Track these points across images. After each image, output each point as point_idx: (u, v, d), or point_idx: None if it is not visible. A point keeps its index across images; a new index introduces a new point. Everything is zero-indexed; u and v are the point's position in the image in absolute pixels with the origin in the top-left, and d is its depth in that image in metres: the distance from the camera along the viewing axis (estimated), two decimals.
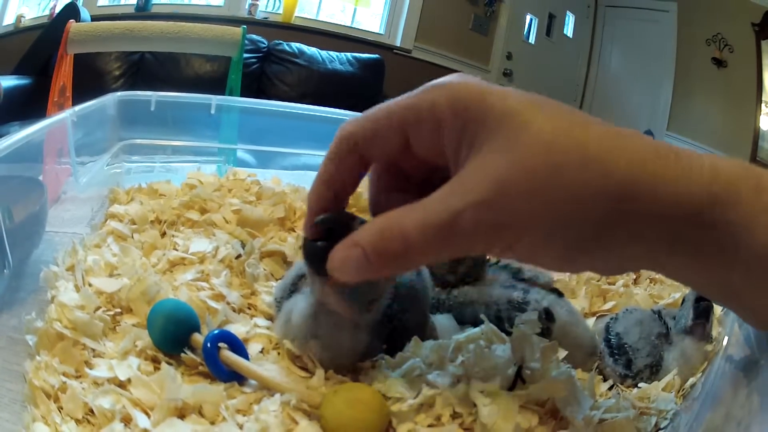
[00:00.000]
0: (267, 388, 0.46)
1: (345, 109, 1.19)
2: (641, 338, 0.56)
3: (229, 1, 4.67)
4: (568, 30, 6.00)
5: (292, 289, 0.53)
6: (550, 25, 5.85)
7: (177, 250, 0.69)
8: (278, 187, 0.90)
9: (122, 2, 5.12)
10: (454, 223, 0.35)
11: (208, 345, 0.47)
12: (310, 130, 1.08)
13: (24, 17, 4.79)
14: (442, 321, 0.54)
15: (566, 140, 0.34)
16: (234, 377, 0.47)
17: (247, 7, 4.61)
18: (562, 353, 0.47)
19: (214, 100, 0.98)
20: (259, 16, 4.59)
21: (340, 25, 4.75)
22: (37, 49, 4.17)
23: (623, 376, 0.55)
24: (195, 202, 0.80)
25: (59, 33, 3.94)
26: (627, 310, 0.60)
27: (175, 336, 0.49)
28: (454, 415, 0.42)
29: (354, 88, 3.92)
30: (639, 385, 0.53)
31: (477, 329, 0.49)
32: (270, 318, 0.58)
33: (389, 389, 0.44)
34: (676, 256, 0.35)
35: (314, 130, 1.07)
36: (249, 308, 0.61)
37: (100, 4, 4.94)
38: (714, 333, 0.55)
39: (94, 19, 4.39)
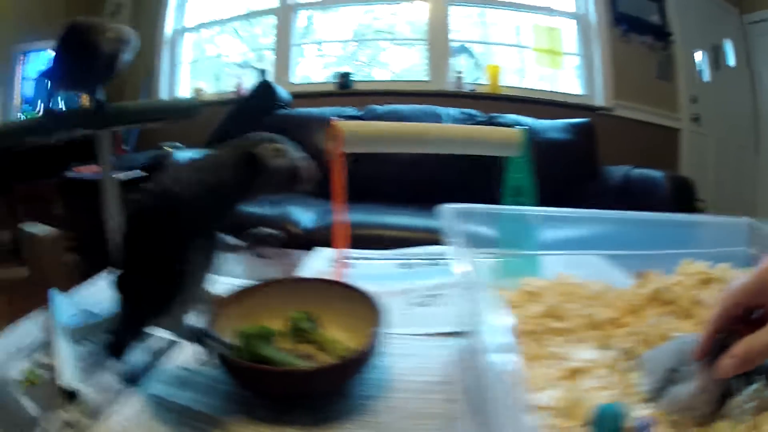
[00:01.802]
0: None
1: (563, 178, 1.31)
2: None
3: (434, 75, 4.79)
4: (731, 59, 5.66)
5: (669, 379, 0.75)
6: (716, 57, 5.51)
7: (565, 358, 0.84)
8: (595, 286, 1.02)
9: (313, 79, 5.44)
10: None
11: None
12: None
13: (203, 91, 5.14)
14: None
15: None
16: None
17: (452, 80, 4.68)
18: None
19: (532, 211, 1.12)
20: (466, 88, 4.62)
21: (544, 90, 4.73)
22: (230, 126, 4.37)
23: None
24: (552, 310, 0.94)
25: (255, 111, 4.17)
26: None
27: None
28: None
29: (572, 156, 3.83)
30: None
31: None
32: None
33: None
34: None
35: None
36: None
37: (292, 80, 5.23)
38: None
39: (294, 96, 4.67)
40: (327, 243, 1.51)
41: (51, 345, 1.10)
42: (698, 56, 5.43)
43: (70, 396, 0.90)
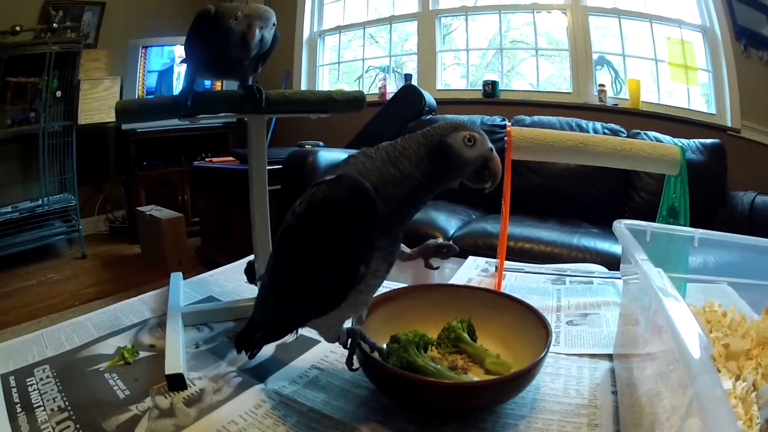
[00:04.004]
0: None
1: (693, 199, 1.25)
2: None
3: (576, 87, 4.68)
4: None
5: None
6: None
7: None
8: (734, 315, 0.94)
9: (453, 86, 5.39)
10: None
11: None
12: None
13: (345, 92, 5.16)
14: None
15: None
16: None
17: (595, 93, 4.57)
18: None
19: (697, 234, 1.01)
20: (608, 102, 4.50)
21: (680, 107, 4.47)
22: (377, 127, 4.42)
23: None
24: None
25: (402, 114, 4.20)
26: None
27: None
28: None
29: (702, 178, 3.54)
30: None
31: None
32: None
33: None
34: None
35: None
36: None
37: (438, 87, 5.23)
38: None
39: (438, 102, 4.64)
40: (470, 251, 1.44)
41: (162, 326, 1.11)
42: None
43: (174, 381, 0.89)
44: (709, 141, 3.82)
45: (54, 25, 4.92)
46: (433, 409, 0.80)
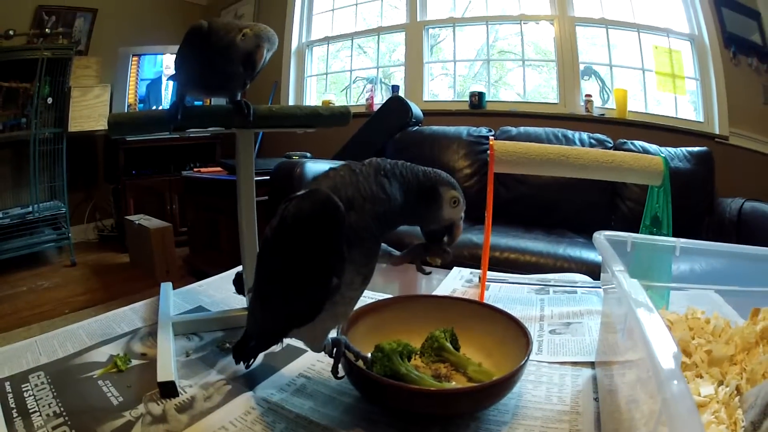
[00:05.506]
0: None
1: (681, 209, 1.26)
2: None
3: (563, 97, 4.69)
4: None
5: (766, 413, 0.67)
6: None
7: None
8: (718, 322, 0.95)
9: (440, 97, 5.41)
10: None
11: None
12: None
13: (332, 103, 5.14)
14: None
15: None
16: None
17: (582, 103, 4.58)
18: None
19: (679, 243, 1.04)
20: (595, 112, 4.52)
21: (667, 116, 4.48)
22: (363, 139, 4.40)
23: None
24: (682, 345, 0.88)
25: (388, 126, 4.21)
26: None
27: None
28: None
29: (690, 186, 3.63)
30: None
31: None
32: None
33: None
34: None
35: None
36: None
37: (425, 98, 5.23)
38: None
39: (424, 113, 4.62)
40: (456, 263, 1.51)
41: (153, 335, 1.12)
42: None
43: (166, 388, 0.91)
44: (696, 149, 3.83)
45: (47, 30, 4.93)
46: (416, 416, 0.82)
